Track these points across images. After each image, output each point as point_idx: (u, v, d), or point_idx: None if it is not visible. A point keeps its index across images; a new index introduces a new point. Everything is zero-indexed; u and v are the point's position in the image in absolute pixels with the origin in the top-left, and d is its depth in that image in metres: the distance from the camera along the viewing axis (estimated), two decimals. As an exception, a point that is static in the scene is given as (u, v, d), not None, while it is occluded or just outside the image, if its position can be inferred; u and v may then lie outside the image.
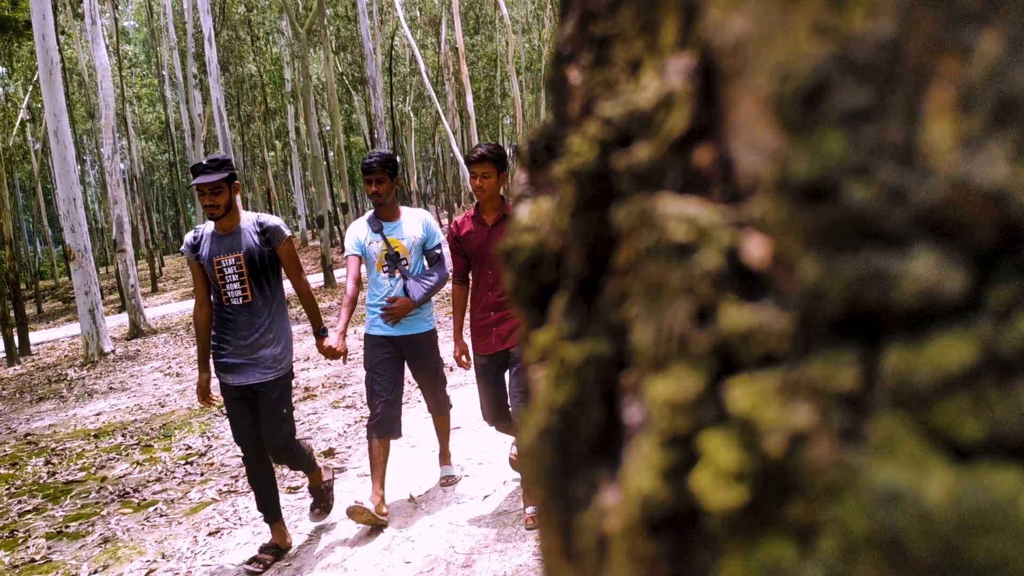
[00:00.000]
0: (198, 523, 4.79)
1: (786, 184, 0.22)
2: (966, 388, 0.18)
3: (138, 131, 36.50)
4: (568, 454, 0.31)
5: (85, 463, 6.48)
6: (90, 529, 4.96)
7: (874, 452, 0.19)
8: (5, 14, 19.57)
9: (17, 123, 29.60)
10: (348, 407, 7.00)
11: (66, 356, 13.35)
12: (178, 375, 9.86)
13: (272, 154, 35.94)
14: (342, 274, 15.18)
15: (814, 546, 0.20)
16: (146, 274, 28.26)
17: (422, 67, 17.81)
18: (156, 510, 5.13)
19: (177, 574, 4.16)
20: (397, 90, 33.70)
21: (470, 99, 15.86)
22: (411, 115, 34.13)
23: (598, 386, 0.30)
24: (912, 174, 0.20)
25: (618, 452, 0.29)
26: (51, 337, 16.87)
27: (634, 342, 0.27)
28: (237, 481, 5.42)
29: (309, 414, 6.93)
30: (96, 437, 7.40)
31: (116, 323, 16.30)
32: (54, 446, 7.27)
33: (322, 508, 4.41)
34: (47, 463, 6.70)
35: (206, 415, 7.39)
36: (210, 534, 4.58)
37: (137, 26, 39.73)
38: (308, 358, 9.44)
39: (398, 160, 4.43)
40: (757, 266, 0.23)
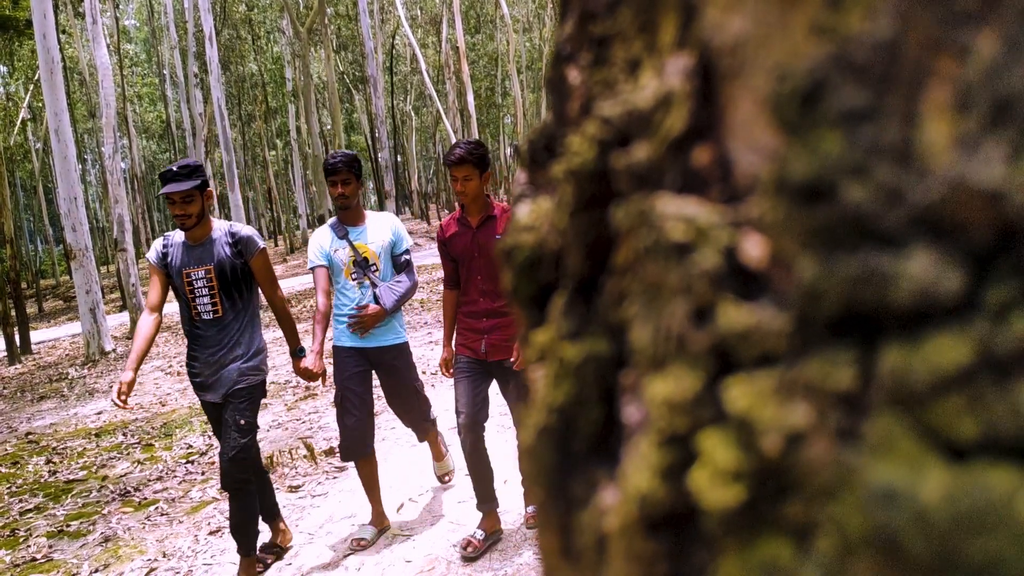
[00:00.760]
0: (199, 522, 4.80)
1: (784, 184, 0.22)
2: (962, 388, 0.18)
3: (139, 130, 36.51)
4: (567, 453, 0.31)
5: (86, 462, 6.48)
6: (91, 528, 4.96)
7: (871, 452, 0.19)
8: (6, 13, 19.58)
9: (18, 122, 29.62)
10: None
11: (67, 355, 13.36)
12: (179, 374, 9.86)
13: (273, 153, 35.95)
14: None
15: (811, 545, 0.20)
16: (147, 273, 28.24)
17: (423, 66, 17.81)
18: (157, 509, 5.13)
19: (178, 573, 4.16)
20: (398, 89, 33.71)
21: (471, 98, 15.86)
22: (412, 114, 34.14)
23: (597, 385, 0.30)
24: (909, 174, 0.20)
25: (617, 451, 0.29)
26: (52, 336, 16.89)
27: (633, 341, 0.28)
28: (238, 480, 5.42)
29: (310, 413, 6.93)
30: (97, 436, 7.40)
31: (117, 322, 16.29)
32: (55, 445, 7.28)
33: (270, 552, 4.13)
34: (48, 462, 6.70)
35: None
36: (211, 533, 4.59)
37: (138, 25, 39.76)
38: (309, 357, 9.43)
39: (398, 159, 4.21)
40: (755, 266, 0.23)
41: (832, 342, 0.21)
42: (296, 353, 3.99)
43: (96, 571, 4.33)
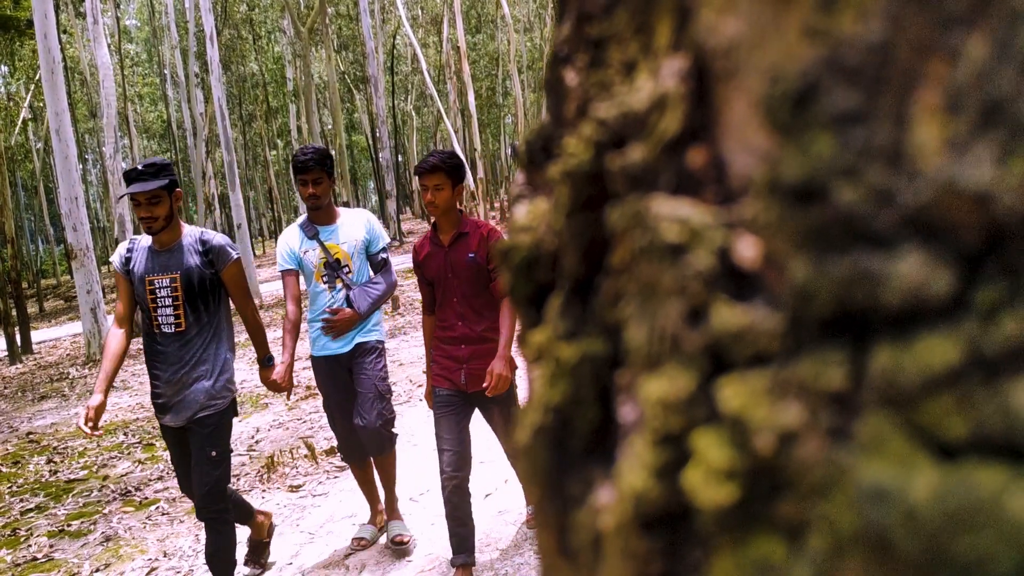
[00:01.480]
0: (200, 522, 4.80)
1: (777, 185, 0.22)
2: (952, 387, 0.19)
3: (140, 130, 36.54)
4: (564, 453, 0.32)
5: (87, 462, 6.49)
6: (92, 527, 4.97)
7: (862, 450, 0.20)
8: (7, 13, 19.59)
9: (19, 122, 29.64)
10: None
11: (68, 355, 13.36)
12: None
13: (274, 153, 35.97)
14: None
15: (803, 543, 0.21)
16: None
17: (424, 66, 17.82)
18: (158, 508, 5.14)
19: (179, 572, 4.17)
20: (399, 89, 33.72)
21: (472, 98, 15.87)
22: (413, 114, 34.15)
23: (593, 385, 0.30)
24: (900, 176, 0.20)
25: (613, 451, 0.29)
26: (53, 336, 16.89)
27: (628, 341, 0.28)
28: (239, 480, 5.43)
29: (311, 412, 6.93)
30: (98, 435, 7.40)
31: (118, 322, 16.26)
32: (56, 445, 7.29)
33: (254, 562, 4.01)
34: (49, 462, 6.71)
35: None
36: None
37: (139, 25, 39.78)
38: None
39: (399, 159, 3.96)
40: (748, 266, 0.23)
41: (824, 342, 0.21)
42: (263, 362, 3.73)
43: (97, 570, 4.33)
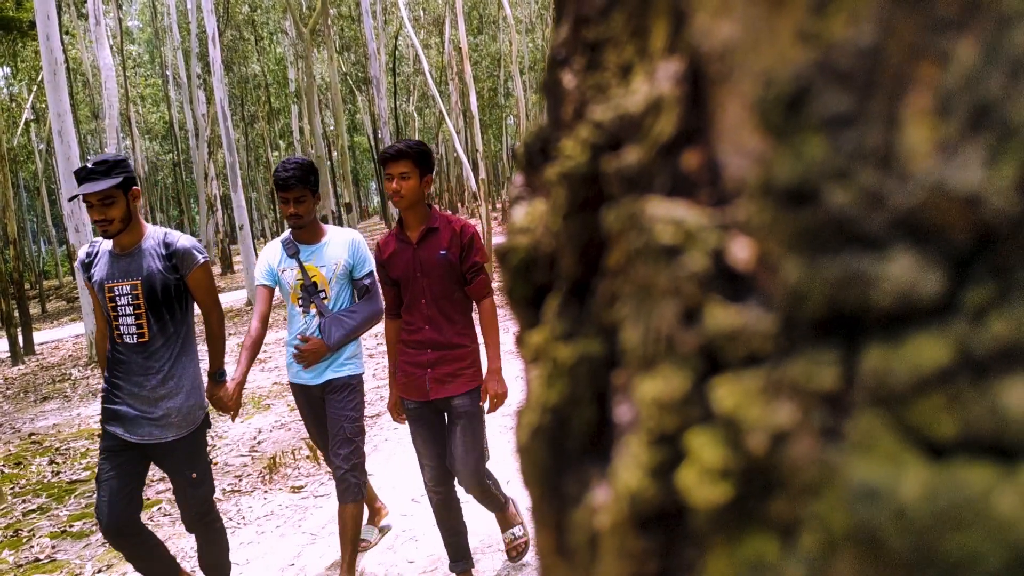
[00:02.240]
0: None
1: (770, 187, 0.22)
2: (941, 387, 0.19)
3: (142, 131, 36.56)
4: (561, 453, 0.32)
5: (89, 463, 6.49)
6: (94, 528, 4.97)
7: (853, 450, 0.20)
8: (9, 14, 19.62)
9: (21, 123, 29.69)
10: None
11: (70, 356, 13.38)
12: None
13: (276, 154, 35.98)
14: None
15: (796, 541, 0.21)
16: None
17: (425, 67, 17.81)
18: (160, 510, 5.14)
19: (181, 573, 4.17)
20: (401, 90, 33.74)
21: (474, 99, 15.88)
22: (415, 115, 34.18)
23: (590, 385, 0.31)
24: (890, 178, 0.20)
25: (610, 450, 0.30)
26: (55, 337, 16.91)
27: (624, 342, 0.28)
28: (241, 481, 5.43)
29: (312, 414, 6.92)
30: (100, 436, 7.41)
31: (120, 323, 16.29)
32: (58, 445, 7.29)
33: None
34: (51, 463, 6.72)
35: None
36: (214, 533, 4.59)
37: (141, 26, 39.83)
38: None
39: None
40: (742, 268, 0.24)
41: (816, 343, 0.21)
42: (215, 376, 3.43)
43: (99, 571, 4.34)
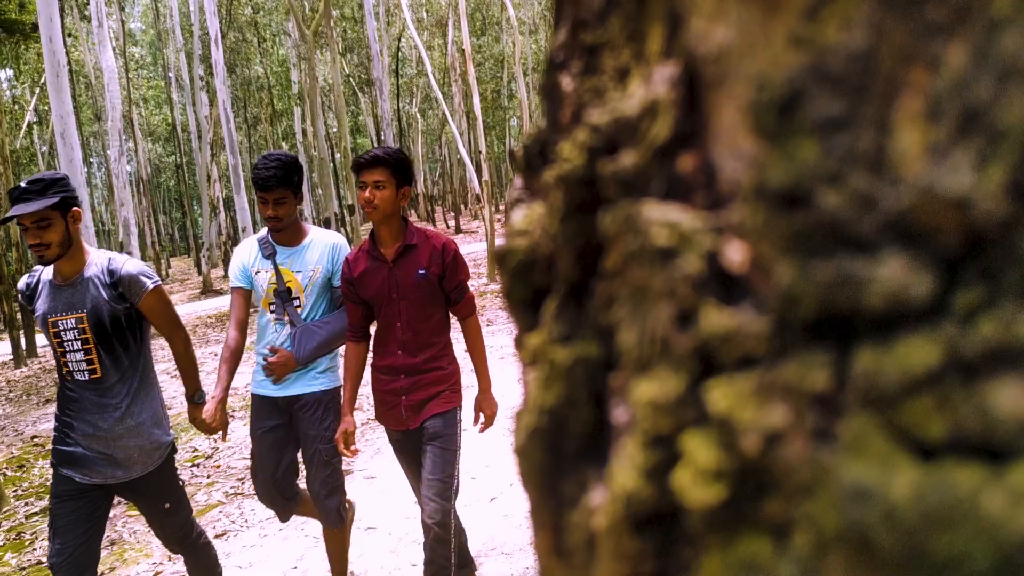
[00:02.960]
0: (204, 525, 4.80)
1: (763, 190, 0.23)
2: (931, 389, 0.19)
3: (145, 133, 36.62)
4: (558, 454, 0.32)
5: (92, 464, 6.50)
6: (97, 530, 4.97)
7: (844, 451, 0.20)
8: (12, 17, 19.66)
9: (24, 125, 29.74)
10: (355, 408, 7.00)
11: (73, 358, 13.38)
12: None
13: (278, 156, 35.94)
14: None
15: (788, 542, 0.21)
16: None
17: (429, 68, 17.83)
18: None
19: None
20: (404, 91, 33.77)
21: (477, 100, 15.87)
22: (418, 117, 34.18)
23: (587, 387, 0.31)
24: (882, 181, 0.20)
25: (606, 452, 0.30)
26: (58, 339, 16.92)
27: (620, 344, 0.28)
28: (244, 484, 5.43)
29: (315, 415, 6.93)
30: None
31: (123, 325, 16.31)
32: (61, 447, 7.30)
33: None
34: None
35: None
36: (216, 536, 4.60)
37: (144, 28, 39.92)
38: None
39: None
40: (736, 270, 0.24)
41: (809, 344, 0.22)
42: (193, 399, 3.19)
43: (102, 574, 4.34)
